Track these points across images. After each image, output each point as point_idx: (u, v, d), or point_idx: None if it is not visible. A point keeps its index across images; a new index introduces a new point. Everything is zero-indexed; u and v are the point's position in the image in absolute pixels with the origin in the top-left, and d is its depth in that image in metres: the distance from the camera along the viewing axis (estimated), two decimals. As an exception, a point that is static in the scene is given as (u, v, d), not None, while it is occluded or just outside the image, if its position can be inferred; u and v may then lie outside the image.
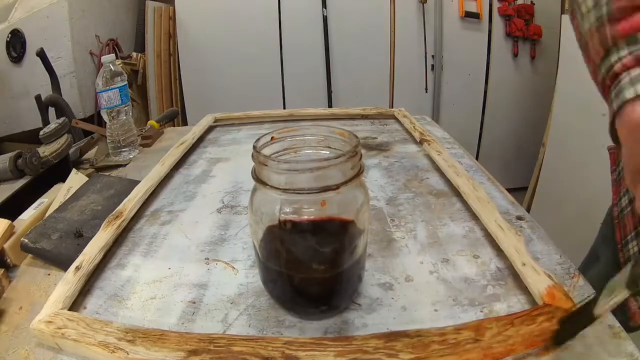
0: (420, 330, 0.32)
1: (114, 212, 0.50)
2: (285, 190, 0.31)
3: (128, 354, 0.32)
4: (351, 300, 0.37)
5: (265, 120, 0.90)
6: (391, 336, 0.31)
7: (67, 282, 0.40)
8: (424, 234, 0.47)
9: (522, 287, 0.38)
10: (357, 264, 0.35)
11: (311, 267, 0.34)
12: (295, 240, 0.33)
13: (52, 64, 1.36)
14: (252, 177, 0.32)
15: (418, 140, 0.71)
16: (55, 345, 0.35)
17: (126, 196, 0.57)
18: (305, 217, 0.32)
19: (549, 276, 0.36)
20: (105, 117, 0.75)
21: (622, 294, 0.25)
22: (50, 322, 0.35)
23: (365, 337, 0.32)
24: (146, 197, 0.56)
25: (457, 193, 0.55)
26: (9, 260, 0.47)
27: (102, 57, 0.75)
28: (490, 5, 1.94)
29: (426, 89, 2.04)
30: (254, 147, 0.33)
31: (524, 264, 0.38)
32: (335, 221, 0.33)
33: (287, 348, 0.31)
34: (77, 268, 0.42)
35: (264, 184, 0.31)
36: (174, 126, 1.53)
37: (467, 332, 0.31)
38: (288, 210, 0.31)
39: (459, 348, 0.30)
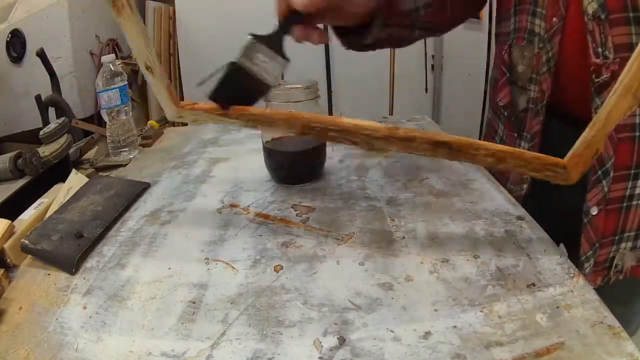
0: (461, 146, 0.40)
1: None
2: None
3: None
4: (320, 173, 0.62)
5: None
6: (439, 144, 0.40)
7: (156, 85, 0.44)
8: (424, 234, 0.47)
9: (522, 287, 0.38)
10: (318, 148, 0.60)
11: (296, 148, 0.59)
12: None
13: (52, 64, 1.36)
14: (265, 100, 0.55)
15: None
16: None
17: (126, 197, 0.58)
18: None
19: (597, 151, 0.38)
20: (105, 117, 0.75)
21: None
22: (181, 117, 0.45)
23: (421, 141, 0.40)
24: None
25: (457, 193, 0.55)
26: (9, 261, 0.47)
27: (102, 57, 0.75)
28: (490, 5, 1.93)
29: (426, 89, 2.04)
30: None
31: (593, 136, 0.38)
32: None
33: (368, 137, 0.41)
34: (147, 67, 0.44)
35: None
36: (174, 126, 1.53)
37: (491, 160, 0.40)
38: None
39: (477, 164, 0.43)
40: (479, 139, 0.81)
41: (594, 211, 0.48)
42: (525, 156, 0.40)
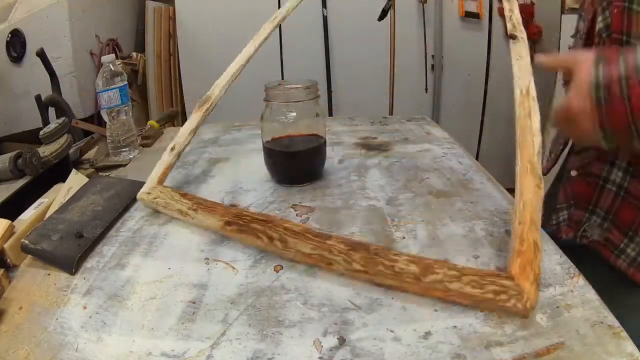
0: (379, 249, 0.38)
1: (203, 98, 0.61)
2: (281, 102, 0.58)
3: (193, 218, 0.50)
4: (320, 173, 0.62)
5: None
6: (355, 246, 0.39)
7: (163, 162, 0.56)
8: (424, 234, 0.47)
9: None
10: (318, 147, 0.60)
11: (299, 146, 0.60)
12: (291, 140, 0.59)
13: (52, 64, 1.36)
14: (265, 100, 0.59)
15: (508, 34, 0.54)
16: (153, 206, 0.54)
17: (126, 197, 0.58)
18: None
19: (535, 245, 0.36)
20: (105, 117, 0.75)
21: None
22: (149, 193, 0.54)
23: (337, 240, 0.39)
24: (233, 79, 0.65)
25: (457, 193, 0.55)
26: (9, 261, 0.47)
27: (102, 57, 0.75)
28: (490, 5, 1.94)
29: (426, 89, 2.04)
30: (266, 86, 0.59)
31: (519, 223, 0.38)
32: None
33: (284, 232, 0.42)
34: (172, 149, 0.57)
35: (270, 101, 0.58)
36: (174, 126, 1.53)
37: (414, 268, 0.36)
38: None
39: (399, 278, 0.36)
40: (479, 139, 0.82)
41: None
42: (457, 267, 0.36)
